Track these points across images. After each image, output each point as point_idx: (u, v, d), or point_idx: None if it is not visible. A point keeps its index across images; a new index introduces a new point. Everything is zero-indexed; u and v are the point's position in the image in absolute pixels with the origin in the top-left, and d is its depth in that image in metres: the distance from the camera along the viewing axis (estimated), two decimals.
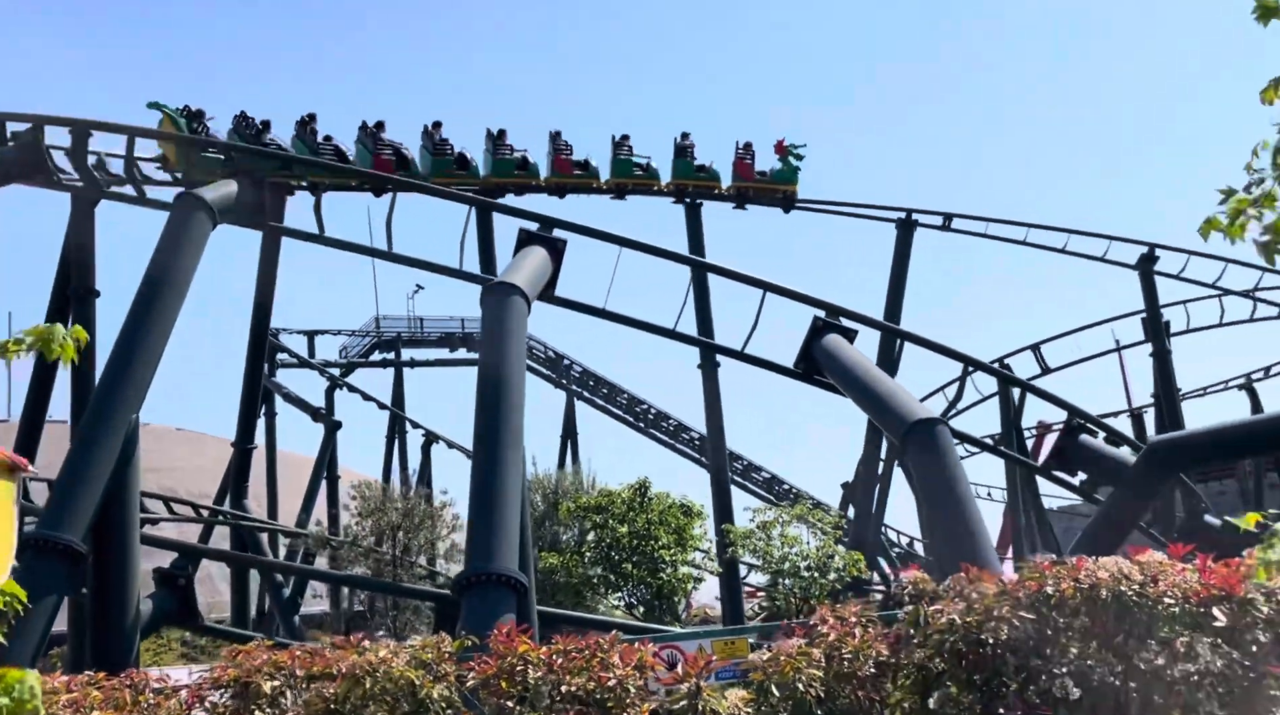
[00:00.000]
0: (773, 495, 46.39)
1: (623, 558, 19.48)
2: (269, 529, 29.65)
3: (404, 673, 7.27)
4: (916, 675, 7.59)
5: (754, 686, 7.55)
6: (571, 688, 7.21)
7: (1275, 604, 7.21)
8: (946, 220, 33.02)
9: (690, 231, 29.31)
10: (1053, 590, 7.39)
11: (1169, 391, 34.69)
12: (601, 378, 49.75)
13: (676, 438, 50.18)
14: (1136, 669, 7.20)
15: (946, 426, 13.77)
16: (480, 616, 10.66)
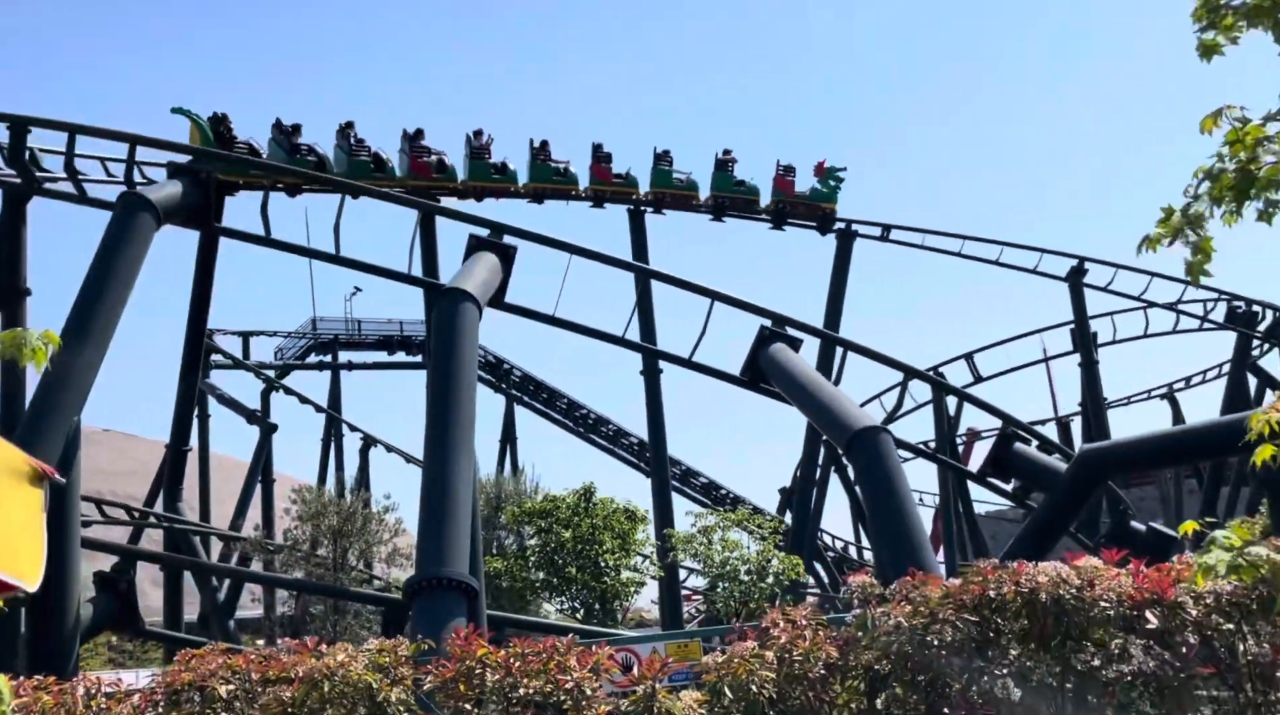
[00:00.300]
0: (711, 500, 46.73)
1: (566, 562, 19.57)
2: (205, 532, 29.18)
3: (362, 676, 7.30)
4: (864, 677, 7.80)
5: (707, 688, 7.69)
6: (529, 691, 7.29)
7: (1204, 607, 7.50)
8: (885, 231, 33.63)
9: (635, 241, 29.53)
10: (995, 594, 7.62)
11: (1096, 400, 35.72)
12: (542, 382, 49.71)
13: (616, 443, 50.34)
14: (1073, 670, 7.47)
15: (889, 434, 14.10)
16: (431, 621, 10.69)
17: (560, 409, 50.44)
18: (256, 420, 37.44)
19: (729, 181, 31.38)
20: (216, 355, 40.04)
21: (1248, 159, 5.66)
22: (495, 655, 7.42)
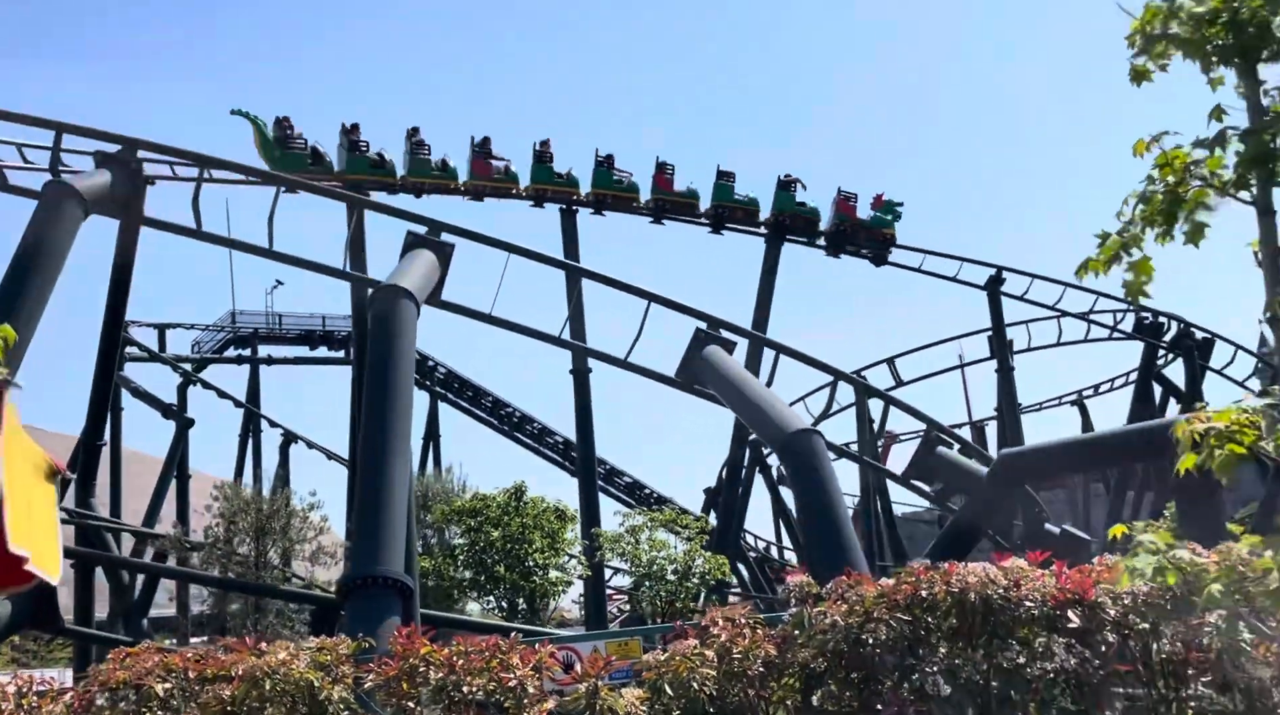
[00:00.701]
0: (635, 500, 46.91)
1: (495, 561, 19.55)
2: (120, 529, 28.46)
3: (304, 674, 7.28)
4: (800, 674, 7.98)
5: (647, 686, 7.80)
6: (472, 689, 7.33)
7: (1121, 607, 7.82)
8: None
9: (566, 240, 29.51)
10: (926, 593, 7.84)
11: (1011, 406, 36.71)
12: (467, 380, 49.40)
13: (541, 442, 50.25)
14: (999, 667, 7.73)
15: (821, 436, 14.39)
16: (365, 620, 10.64)
17: (485, 407, 50.18)
18: (173, 414, 36.59)
19: (791, 201, 32.30)
20: (131, 347, 39.05)
21: (1176, 182, 5.94)
22: (439, 653, 7.45)
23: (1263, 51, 5.73)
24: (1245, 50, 5.77)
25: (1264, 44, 5.71)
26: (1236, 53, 5.80)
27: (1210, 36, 5.80)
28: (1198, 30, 5.77)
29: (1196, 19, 5.75)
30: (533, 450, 49.53)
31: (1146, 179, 6.03)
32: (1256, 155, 5.67)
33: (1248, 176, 5.76)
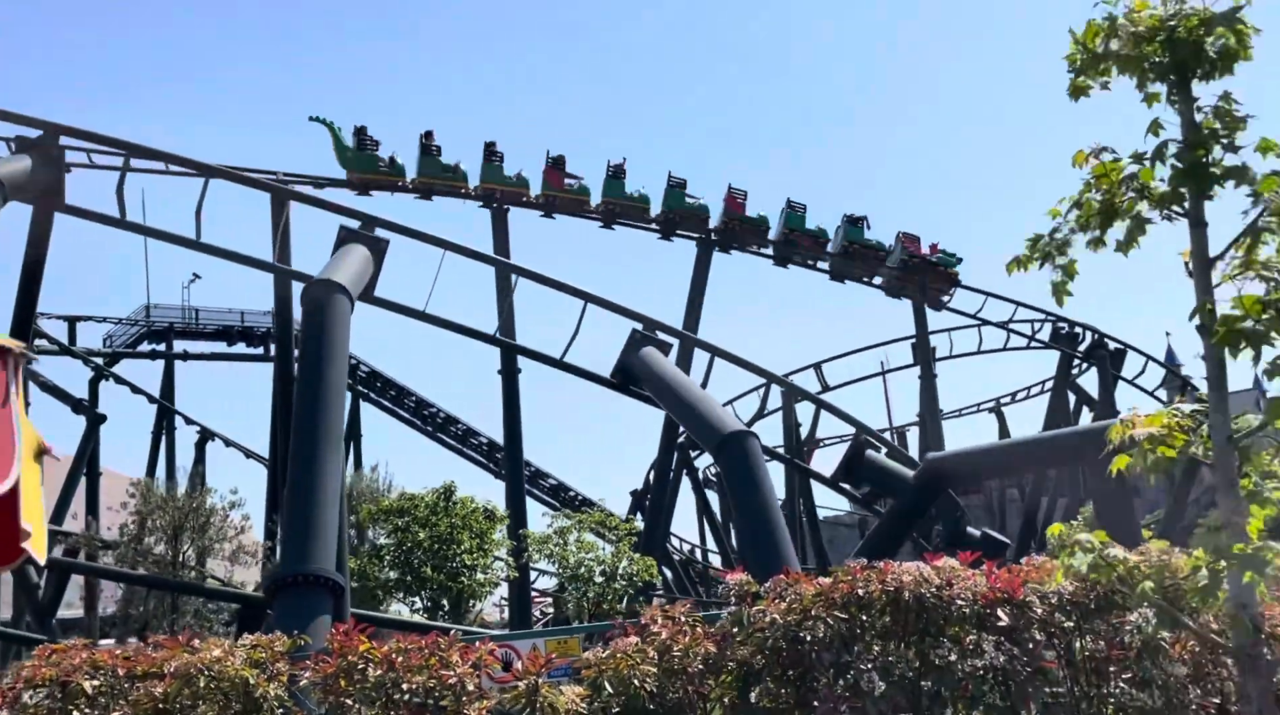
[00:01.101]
0: (559, 502, 46.83)
1: (422, 562, 19.36)
2: None
3: (240, 671, 7.17)
4: (739, 671, 8.06)
5: (587, 683, 7.82)
6: (412, 686, 7.28)
7: (1048, 606, 8.04)
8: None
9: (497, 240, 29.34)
10: (863, 592, 7.98)
11: (933, 412, 37.47)
12: (390, 379, 48.85)
13: (465, 443, 49.91)
14: (931, 664, 7.90)
15: (757, 439, 14.55)
16: (295, 618, 10.48)
17: (408, 407, 49.68)
18: (83, 410, 35.52)
19: (860, 233, 33.31)
20: (41, 340, 37.84)
21: (1111, 193, 6.16)
22: (378, 651, 7.39)
23: (1197, 70, 5.97)
24: (1180, 68, 6.00)
25: (1198, 63, 5.95)
26: (1172, 70, 6.03)
27: (1148, 54, 6.02)
28: (1137, 47, 5.99)
29: (1136, 36, 5.96)
30: (456, 451, 49.16)
31: (1083, 187, 6.25)
32: (1189, 169, 5.90)
33: (1181, 190, 5.99)
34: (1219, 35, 5.86)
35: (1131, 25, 5.99)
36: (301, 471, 11.98)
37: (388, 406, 48.41)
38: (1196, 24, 5.90)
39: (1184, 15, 5.94)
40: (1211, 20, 5.87)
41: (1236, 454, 5.79)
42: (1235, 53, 5.89)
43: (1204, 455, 5.84)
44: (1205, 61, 5.91)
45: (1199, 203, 5.99)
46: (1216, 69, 5.92)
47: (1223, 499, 5.71)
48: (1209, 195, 5.96)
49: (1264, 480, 5.97)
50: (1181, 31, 5.90)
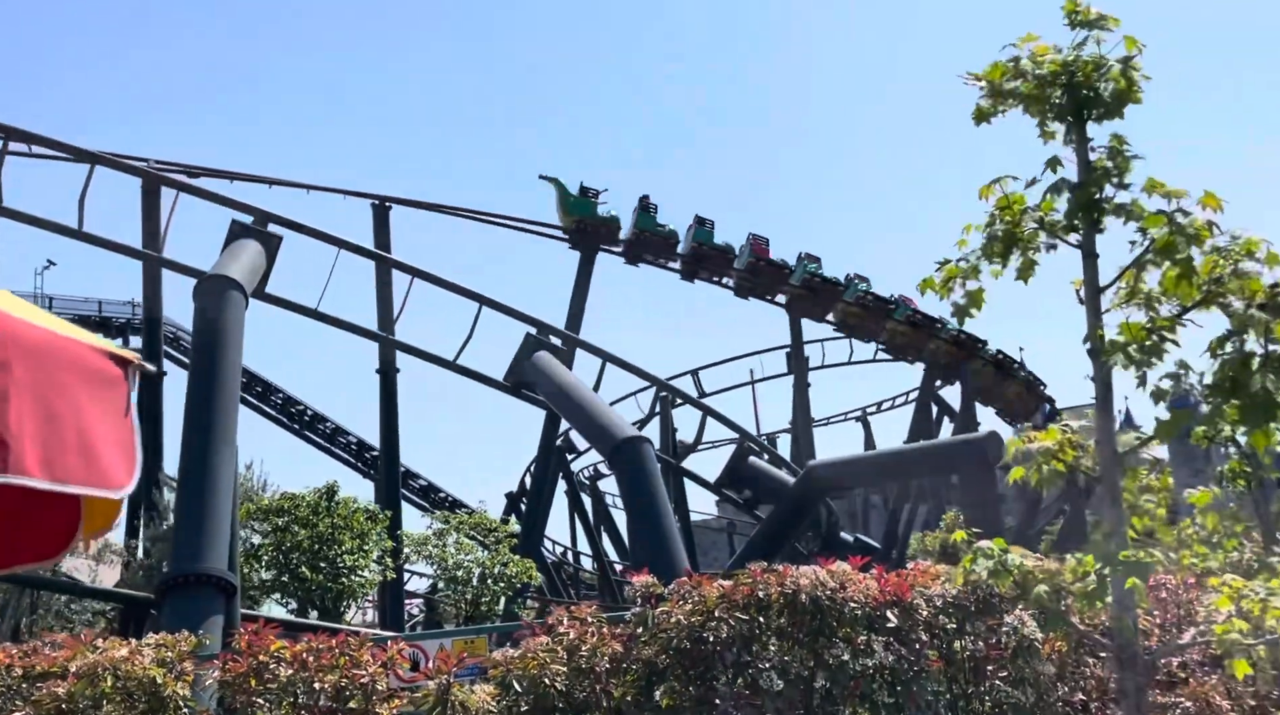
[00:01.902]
0: (430, 503, 46.36)
1: (300, 562, 19.01)
2: None
3: (147, 671, 7.05)
4: (644, 670, 8.29)
5: (495, 682, 7.93)
6: (324, 685, 7.29)
7: (933, 608, 8.50)
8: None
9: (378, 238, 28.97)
10: (763, 594, 8.31)
11: (805, 420, 38.43)
12: (256, 375, 47.55)
13: (334, 442, 48.95)
14: (825, 663, 8.27)
15: (650, 444, 14.79)
16: (185, 619, 10.24)
17: (275, 405, 48.46)
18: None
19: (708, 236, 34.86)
20: None
21: (1013, 223, 6.59)
22: (290, 650, 7.36)
23: (1092, 111, 6.45)
24: (1077, 109, 6.48)
25: (1095, 106, 6.43)
26: (1070, 111, 6.50)
27: (1049, 96, 6.48)
28: (1040, 89, 6.44)
29: (1040, 79, 6.41)
30: (324, 450, 48.19)
31: (989, 218, 6.67)
32: (1084, 204, 6.37)
33: (1075, 222, 6.47)
34: (1113, 79, 6.33)
35: (1035, 68, 6.43)
36: (194, 469, 11.70)
37: (254, 403, 47.11)
38: (1093, 69, 6.37)
39: (1082, 60, 6.40)
40: (1106, 65, 6.35)
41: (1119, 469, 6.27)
42: (1127, 96, 6.37)
43: (1091, 469, 6.30)
44: (1100, 104, 6.39)
45: (1091, 235, 6.45)
46: (1110, 111, 6.40)
47: (1107, 510, 6.17)
48: (1100, 228, 6.43)
49: (1141, 493, 6.49)
50: (1080, 75, 6.36)
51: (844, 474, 19.62)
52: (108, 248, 17.16)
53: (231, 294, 13.59)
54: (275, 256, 16.11)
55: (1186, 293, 6.04)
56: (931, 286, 6.80)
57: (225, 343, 13.08)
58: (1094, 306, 6.42)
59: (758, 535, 19.02)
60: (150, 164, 22.54)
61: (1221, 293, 5.98)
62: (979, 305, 6.68)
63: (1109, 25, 6.42)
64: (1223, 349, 5.82)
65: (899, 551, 30.69)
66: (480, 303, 18.28)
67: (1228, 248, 6.06)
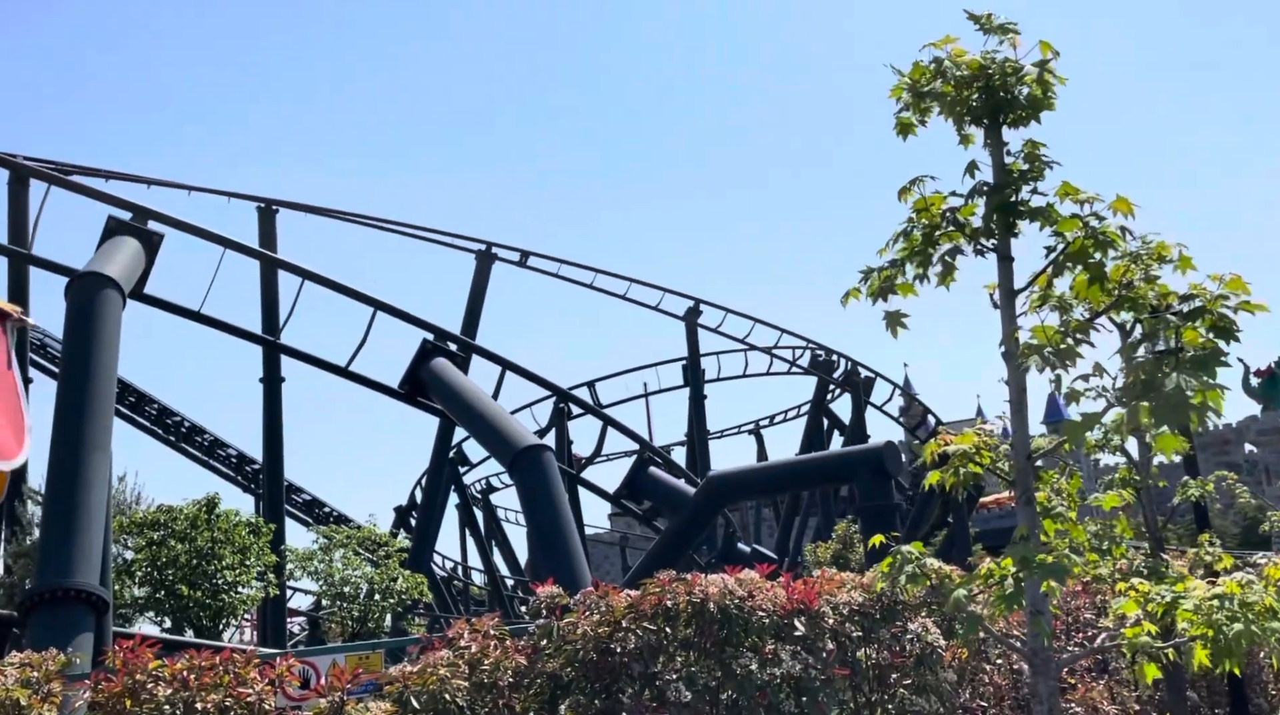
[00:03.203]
0: (314, 518, 45.13)
1: (178, 577, 18.13)
2: None
3: (11, 692, 6.52)
4: (548, 684, 8.02)
5: (392, 698, 7.58)
6: (207, 705, 6.84)
7: (840, 616, 8.44)
8: (523, 257, 34.40)
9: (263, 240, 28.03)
10: (671, 603, 8.13)
11: (701, 432, 38.57)
12: (130, 384, 45.64)
13: (212, 454, 47.27)
14: (732, 673, 8.12)
15: (552, 452, 14.49)
16: (53, 636, 9.57)
17: (149, 415, 46.56)
18: None
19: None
20: None
21: (931, 226, 6.55)
22: (170, 668, 6.89)
23: (1008, 115, 6.45)
24: (994, 113, 6.47)
25: (1009, 109, 6.43)
26: (986, 114, 6.49)
27: (966, 98, 6.46)
28: (958, 91, 6.42)
29: (959, 81, 6.39)
30: (202, 463, 46.48)
31: (907, 220, 6.62)
32: (999, 207, 6.36)
33: (991, 226, 6.45)
34: (1027, 84, 6.34)
35: (956, 69, 6.41)
36: (64, 480, 10.96)
37: (126, 413, 45.15)
38: (1009, 73, 6.37)
39: (999, 64, 6.40)
40: (1022, 71, 6.36)
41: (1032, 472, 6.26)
42: (1041, 102, 6.39)
43: (1006, 472, 6.28)
44: (1016, 108, 6.39)
45: (1006, 239, 6.45)
46: (1025, 116, 6.41)
47: (1021, 512, 6.16)
48: (1015, 233, 6.43)
49: (1054, 495, 6.50)
50: (996, 79, 6.35)
51: (745, 483, 19.65)
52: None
53: (107, 292, 12.83)
54: (155, 255, 15.30)
55: (1097, 297, 6.08)
56: (857, 296, 6.68)
57: (99, 343, 12.33)
58: (1009, 311, 6.41)
59: (657, 546, 18.88)
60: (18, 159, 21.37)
61: (1132, 297, 6.03)
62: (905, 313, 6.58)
63: (1013, 31, 6.44)
64: (1135, 351, 5.86)
65: (792, 562, 30.98)
66: (374, 307, 17.73)
67: (1139, 252, 6.12)
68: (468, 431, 16.74)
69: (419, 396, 17.41)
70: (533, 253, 34.61)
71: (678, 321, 38.49)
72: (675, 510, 19.63)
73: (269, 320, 24.63)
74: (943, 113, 6.56)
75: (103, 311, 12.54)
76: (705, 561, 20.53)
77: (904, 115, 6.65)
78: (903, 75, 6.58)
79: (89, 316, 12.41)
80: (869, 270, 6.55)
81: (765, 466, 20.38)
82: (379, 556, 23.46)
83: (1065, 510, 6.42)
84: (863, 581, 8.64)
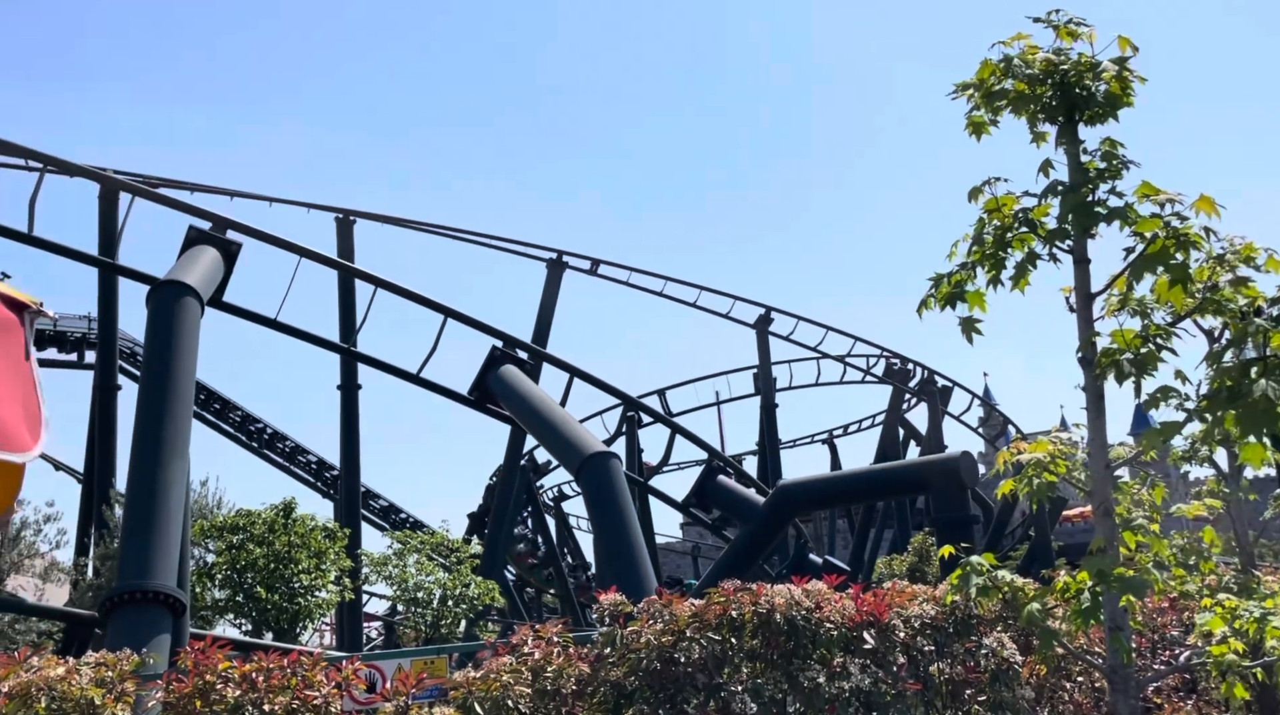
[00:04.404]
0: (390, 524, 45.74)
1: (257, 581, 18.47)
2: None
3: (85, 691, 6.63)
4: (611, 692, 7.95)
5: (456, 704, 7.57)
6: (275, 707, 6.89)
7: (911, 629, 8.24)
8: (594, 265, 34.57)
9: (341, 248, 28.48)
10: (736, 613, 8.01)
11: (773, 441, 38.28)
12: (214, 391, 46.78)
13: (293, 460, 48.20)
14: (799, 686, 7.97)
15: (619, 460, 14.46)
16: (131, 638, 9.75)
17: (234, 421, 47.67)
18: None
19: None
20: None
21: (1003, 227, 6.36)
22: (239, 669, 6.96)
23: (1084, 113, 6.24)
24: (1069, 110, 6.26)
25: (1086, 107, 6.22)
26: (1061, 112, 6.28)
27: (1040, 95, 6.26)
28: (1031, 88, 6.22)
29: (1030, 78, 6.20)
30: (283, 469, 47.43)
31: (978, 222, 6.43)
32: (1076, 208, 6.15)
33: (1066, 227, 6.24)
34: (1106, 81, 6.13)
35: (1026, 66, 6.22)
36: (144, 483, 11.21)
37: (211, 419, 46.31)
38: (1086, 69, 6.16)
39: (1074, 60, 6.20)
40: (1100, 67, 6.15)
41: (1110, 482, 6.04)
42: (1120, 99, 6.17)
43: (1083, 482, 6.07)
44: (1093, 105, 6.18)
45: (1083, 241, 6.24)
46: (1102, 113, 6.19)
47: (1099, 524, 5.94)
48: (1092, 234, 6.21)
49: (1134, 507, 6.26)
50: (1072, 75, 6.15)
51: (816, 493, 19.40)
52: (59, 253, 16.59)
53: (186, 300, 13.13)
54: (234, 264, 15.62)
55: (1180, 300, 5.83)
56: (930, 306, 6.49)
57: (179, 350, 12.60)
58: (1086, 315, 6.20)
59: (726, 555, 18.70)
60: (107, 172, 22.04)
61: (1217, 300, 5.78)
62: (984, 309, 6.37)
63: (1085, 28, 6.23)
64: (1222, 357, 5.61)
65: (865, 575, 30.53)
66: (445, 315, 17.90)
67: (1224, 253, 5.87)
68: (536, 438, 16.79)
69: (488, 403, 17.52)
70: (603, 261, 34.79)
71: (749, 329, 38.30)
72: (744, 519, 19.45)
73: (346, 327, 25.07)
74: (1015, 111, 6.38)
75: (182, 318, 12.83)
76: (776, 572, 20.32)
77: (976, 114, 6.48)
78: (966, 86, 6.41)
79: (169, 324, 12.70)
80: (939, 276, 6.38)
81: (836, 476, 20.11)
82: (451, 562, 23.69)
83: (1147, 522, 6.17)
84: (935, 594, 8.44)
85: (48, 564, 21.31)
